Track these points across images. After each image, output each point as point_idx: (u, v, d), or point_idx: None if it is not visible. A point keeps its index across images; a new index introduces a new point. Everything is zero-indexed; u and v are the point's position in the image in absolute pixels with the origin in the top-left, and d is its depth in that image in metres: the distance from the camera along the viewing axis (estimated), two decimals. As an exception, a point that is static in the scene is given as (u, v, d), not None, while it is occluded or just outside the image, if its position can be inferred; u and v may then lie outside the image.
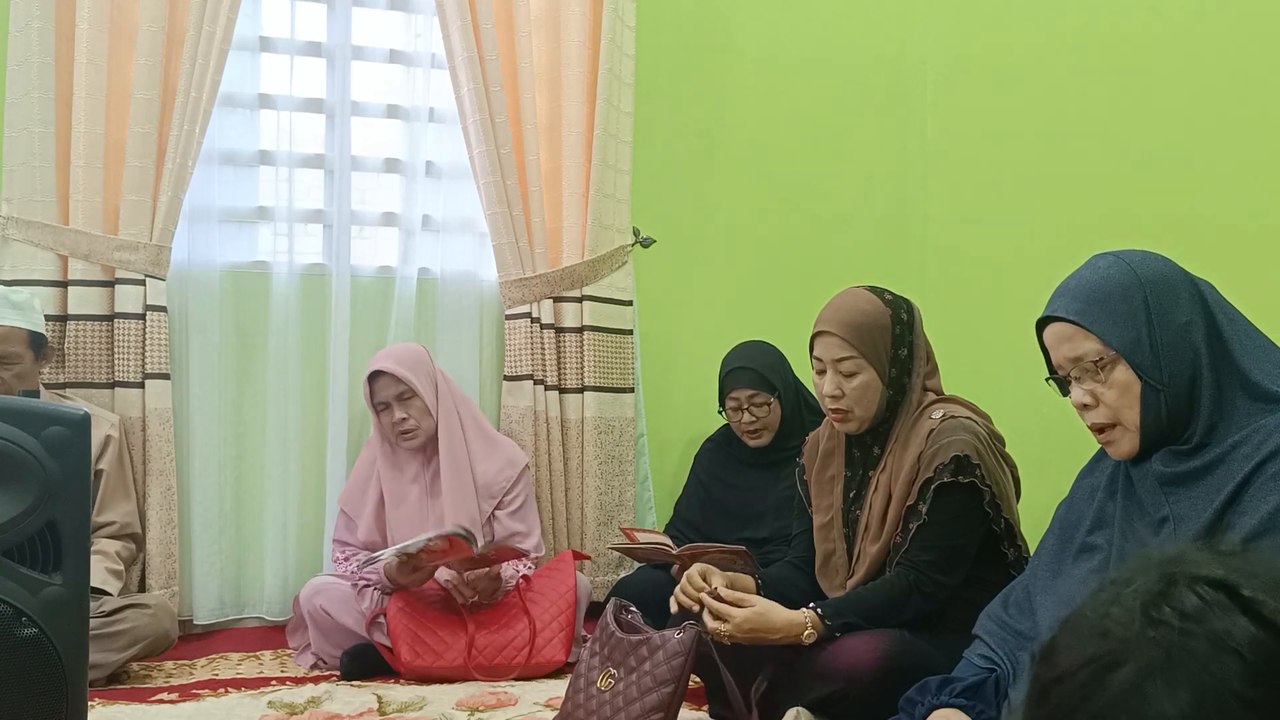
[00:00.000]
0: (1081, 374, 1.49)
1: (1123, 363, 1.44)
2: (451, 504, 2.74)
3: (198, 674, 2.56)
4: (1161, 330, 1.43)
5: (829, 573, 2.12)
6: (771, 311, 3.30)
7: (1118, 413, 1.47)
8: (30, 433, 1.46)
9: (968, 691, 1.55)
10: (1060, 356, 1.51)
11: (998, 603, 1.69)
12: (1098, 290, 1.46)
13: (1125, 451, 1.49)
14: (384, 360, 2.78)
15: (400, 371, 2.74)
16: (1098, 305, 1.45)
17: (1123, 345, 1.44)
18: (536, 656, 2.54)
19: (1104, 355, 1.45)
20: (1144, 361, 1.43)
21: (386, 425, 2.80)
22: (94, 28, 2.78)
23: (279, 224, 3.12)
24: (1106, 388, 1.46)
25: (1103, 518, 1.54)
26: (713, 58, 3.52)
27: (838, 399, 2.02)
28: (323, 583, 2.70)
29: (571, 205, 3.20)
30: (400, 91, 3.25)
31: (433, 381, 2.81)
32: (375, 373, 2.77)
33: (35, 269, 2.79)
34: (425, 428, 2.78)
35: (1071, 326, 1.48)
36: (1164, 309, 1.44)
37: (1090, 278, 1.49)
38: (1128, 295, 1.44)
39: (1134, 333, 1.44)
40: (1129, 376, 1.44)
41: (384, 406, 2.78)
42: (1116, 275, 1.46)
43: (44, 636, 1.43)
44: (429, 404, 2.77)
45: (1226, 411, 1.41)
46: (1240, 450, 1.37)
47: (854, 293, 2.06)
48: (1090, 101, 2.92)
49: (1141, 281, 1.45)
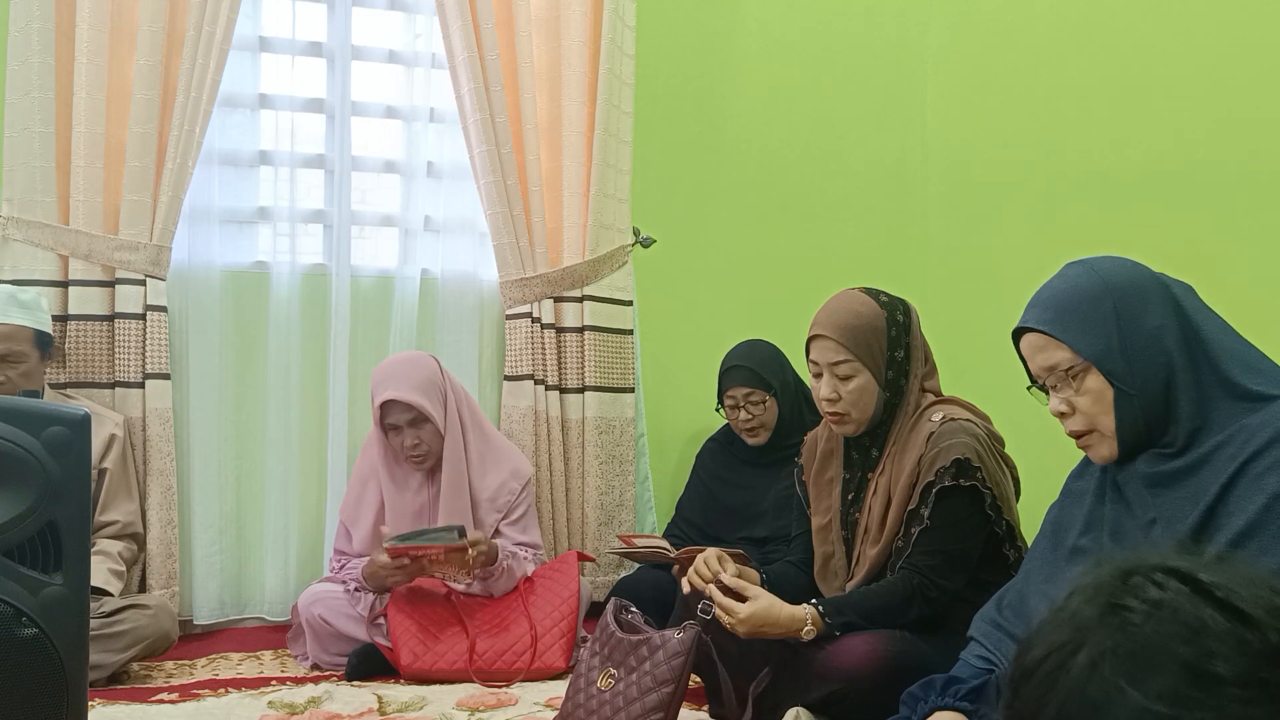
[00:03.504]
0: (1057, 383, 1.50)
1: (1094, 370, 1.46)
2: (446, 521, 2.70)
3: (198, 674, 2.56)
4: (1132, 336, 1.44)
5: (828, 575, 2.12)
6: (771, 311, 3.30)
7: (1093, 420, 1.48)
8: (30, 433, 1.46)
9: (971, 694, 1.55)
10: (1036, 366, 1.52)
11: (991, 605, 1.69)
12: (1067, 300, 1.48)
13: (1104, 456, 1.50)
14: (398, 387, 2.65)
15: (414, 399, 2.64)
16: (1068, 314, 1.47)
17: (1093, 353, 1.45)
18: (537, 662, 2.54)
19: (1075, 364, 1.46)
20: (1115, 368, 1.44)
21: (395, 446, 2.73)
22: (94, 28, 2.78)
23: (279, 224, 3.12)
24: (1081, 396, 1.48)
25: (1092, 521, 1.55)
26: (713, 58, 3.52)
27: (834, 402, 2.01)
28: (321, 591, 2.68)
29: (572, 205, 3.20)
30: (400, 92, 3.25)
31: (443, 398, 2.73)
32: (387, 401, 2.66)
33: (35, 269, 2.79)
34: (435, 449, 2.72)
35: (1043, 337, 1.49)
36: (1133, 315, 1.44)
37: (1060, 287, 1.50)
38: (1097, 303, 1.46)
39: (1104, 340, 1.45)
40: (1101, 384, 1.46)
41: (395, 429, 2.71)
42: (1085, 284, 1.47)
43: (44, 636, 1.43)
44: (440, 426, 2.70)
45: (1209, 413, 1.41)
46: (1225, 450, 1.38)
47: (849, 295, 2.06)
48: (1090, 101, 2.92)
49: (1110, 289, 1.46)
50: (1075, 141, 2.96)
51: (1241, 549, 1.32)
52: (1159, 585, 0.66)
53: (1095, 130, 2.90)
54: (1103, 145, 2.87)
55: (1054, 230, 3.02)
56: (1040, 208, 3.09)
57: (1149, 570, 0.68)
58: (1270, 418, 1.36)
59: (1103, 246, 1.61)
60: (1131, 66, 2.79)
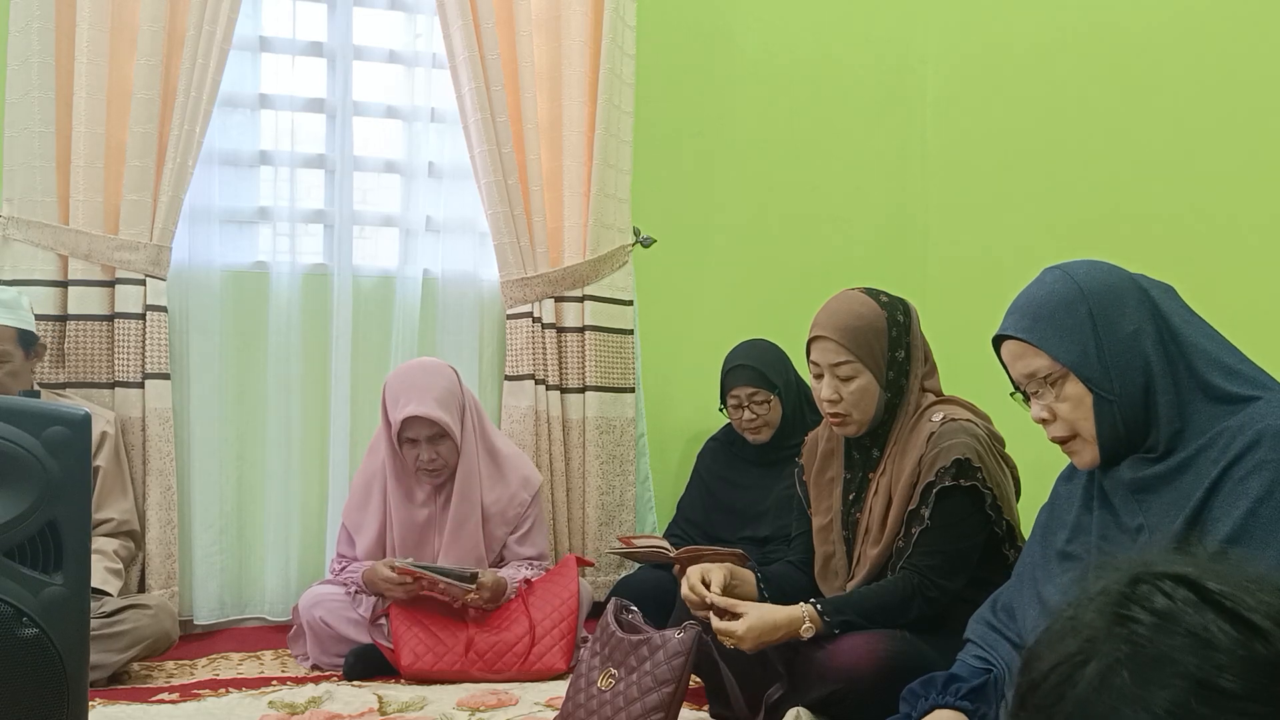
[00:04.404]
0: (1037, 389, 1.50)
1: (1072, 377, 1.46)
2: (453, 541, 2.70)
3: (198, 674, 2.56)
4: (1108, 341, 1.44)
5: (828, 575, 2.12)
6: (772, 311, 3.30)
7: (1074, 425, 1.48)
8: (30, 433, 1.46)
9: (972, 694, 1.56)
10: (1016, 374, 1.53)
11: (986, 608, 1.70)
12: (1044, 306, 1.48)
13: (1088, 462, 1.50)
14: (421, 402, 2.56)
15: (438, 416, 2.57)
16: (1044, 321, 1.47)
17: (1070, 359, 1.45)
18: (536, 662, 2.53)
19: (1053, 371, 1.47)
20: (1093, 374, 1.44)
21: (409, 458, 2.65)
22: (94, 28, 2.78)
23: (280, 224, 3.12)
24: (1061, 402, 1.48)
25: (1080, 526, 1.55)
26: (713, 58, 3.52)
27: (835, 403, 2.01)
28: (321, 593, 2.68)
29: (572, 205, 3.20)
30: (401, 91, 3.25)
31: (461, 412, 2.66)
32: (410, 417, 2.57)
33: (35, 269, 2.79)
34: (450, 463, 2.66)
35: (1022, 344, 1.49)
36: (1110, 320, 1.44)
37: (1037, 294, 1.50)
38: (1072, 309, 1.46)
39: (1080, 346, 1.44)
40: (1080, 390, 1.46)
41: (412, 443, 2.63)
42: (1061, 290, 1.47)
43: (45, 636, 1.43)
44: (458, 441, 2.65)
45: (1188, 416, 1.41)
46: (1206, 454, 1.38)
47: (849, 295, 2.05)
48: (1090, 101, 2.92)
49: (1085, 294, 1.46)
50: (1075, 141, 2.96)
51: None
52: (1167, 595, 0.66)
53: (1094, 130, 2.90)
54: (1102, 145, 2.87)
55: (1054, 230, 3.02)
56: (1040, 208, 3.09)
57: (1156, 578, 0.67)
58: (1249, 420, 1.35)
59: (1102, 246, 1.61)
60: (1131, 66, 2.79)
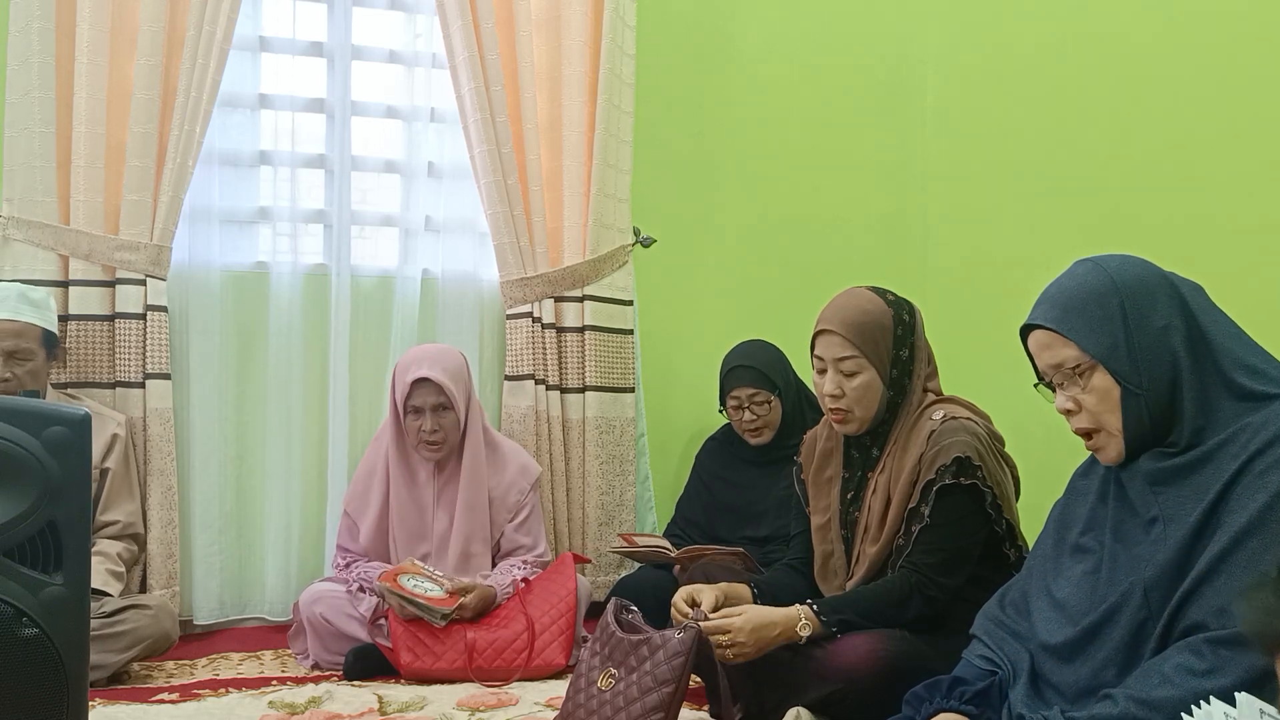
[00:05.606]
0: (1063, 380, 1.51)
1: (1101, 369, 1.46)
2: (463, 523, 2.72)
3: (199, 674, 2.56)
4: (1139, 335, 1.44)
5: (828, 574, 2.12)
6: (772, 311, 3.31)
7: (1099, 418, 1.48)
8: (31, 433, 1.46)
9: (977, 698, 1.55)
10: (1043, 364, 1.53)
11: (994, 603, 1.69)
12: (1075, 297, 1.48)
13: (1113, 457, 1.50)
14: (432, 367, 2.66)
15: (446, 382, 2.64)
16: (1075, 312, 1.47)
17: (1100, 351, 1.45)
18: (536, 659, 2.53)
19: (1082, 362, 1.47)
20: (1121, 367, 1.45)
21: (411, 430, 2.71)
22: (94, 28, 2.79)
23: (280, 224, 3.13)
24: (1087, 394, 1.48)
25: (1094, 519, 1.55)
26: (713, 58, 3.52)
27: (838, 398, 2.01)
28: (322, 590, 2.69)
29: (572, 205, 3.20)
30: (401, 91, 3.25)
31: (467, 392, 2.74)
32: (420, 378, 2.66)
33: (36, 269, 2.79)
34: (451, 441, 2.73)
35: (1050, 334, 1.50)
36: (1141, 314, 1.45)
37: (1068, 285, 1.50)
38: (1104, 301, 1.46)
39: (1110, 339, 1.45)
40: (1108, 382, 1.46)
41: (416, 412, 2.70)
42: (1093, 282, 1.48)
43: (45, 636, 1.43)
44: (461, 417, 2.71)
45: (1212, 413, 1.42)
46: (1227, 449, 1.39)
47: (857, 292, 2.06)
48: (1090, 101, 2.92)
49: (1118, 287, 1.46)
50: (1075, 141, 2.96)
51: (1243, 546, 1.32)
52: None
53: (1094, 130, 2.90)
54: (1102, 145, 2.87)
55: (1054, 230, 3.02)
56: (1040, 207, 3.09)
57: None
58: (1272, 416, 1.37)
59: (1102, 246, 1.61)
60: (1131, 66, 2.79)
